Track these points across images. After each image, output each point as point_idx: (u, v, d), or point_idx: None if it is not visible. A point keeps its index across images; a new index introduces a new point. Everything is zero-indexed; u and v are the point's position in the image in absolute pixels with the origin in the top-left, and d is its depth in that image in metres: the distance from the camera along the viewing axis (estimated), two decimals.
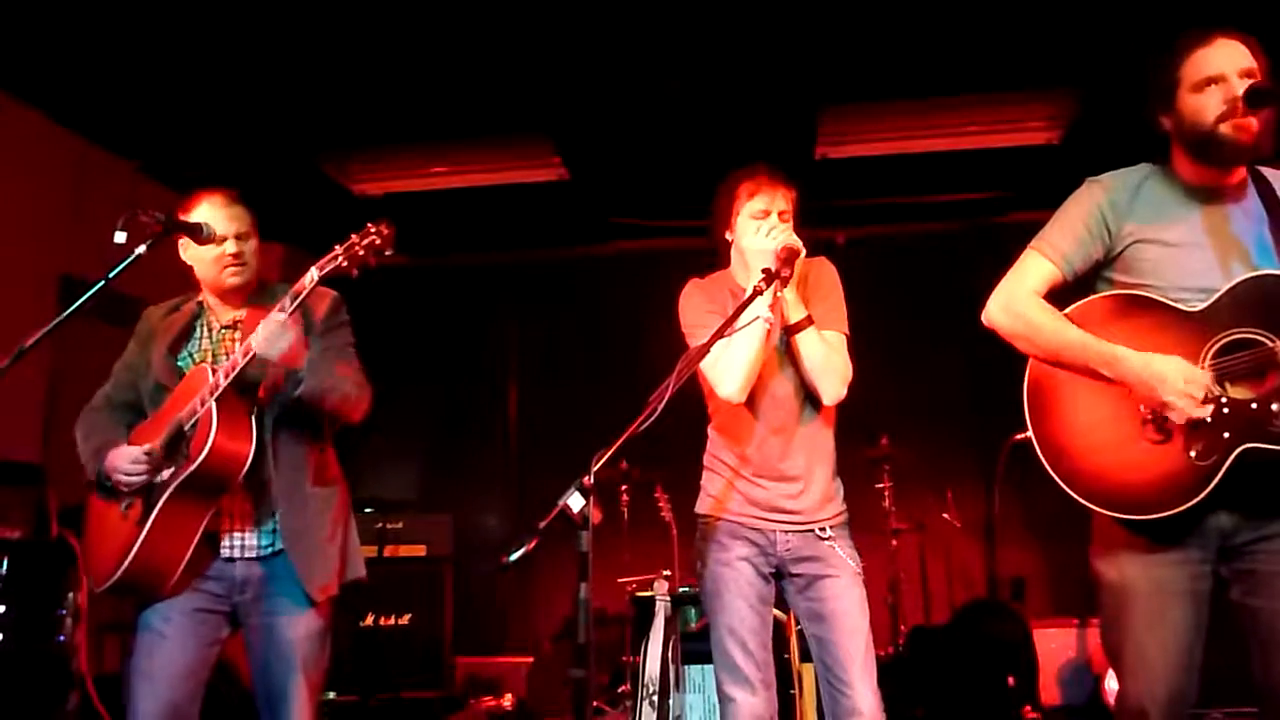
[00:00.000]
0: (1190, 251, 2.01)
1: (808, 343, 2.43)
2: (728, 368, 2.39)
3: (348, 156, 5.47)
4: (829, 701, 2.37)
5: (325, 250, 2.31)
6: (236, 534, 2.42)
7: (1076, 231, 2.13)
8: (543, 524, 1.86)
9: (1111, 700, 4.53)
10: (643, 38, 4.30)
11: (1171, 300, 2.00)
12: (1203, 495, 1.87)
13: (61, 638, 3.64)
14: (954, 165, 5.53)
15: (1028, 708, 4.60)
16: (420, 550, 5.55)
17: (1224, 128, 1.97)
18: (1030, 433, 2.09)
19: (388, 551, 5.49)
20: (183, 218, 2.46)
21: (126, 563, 2.30)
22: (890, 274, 5.89)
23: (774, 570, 2.47)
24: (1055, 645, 5.12)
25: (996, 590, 5.54)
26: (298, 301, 2.28)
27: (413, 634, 5.37)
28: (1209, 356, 1.93)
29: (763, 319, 2.34)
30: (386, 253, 2.27)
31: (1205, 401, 1.89)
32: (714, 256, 2.70)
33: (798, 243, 2.38)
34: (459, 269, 6.78)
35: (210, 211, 2.48)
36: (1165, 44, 2.11)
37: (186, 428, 2.35)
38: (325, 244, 2.50)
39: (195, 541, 2.34)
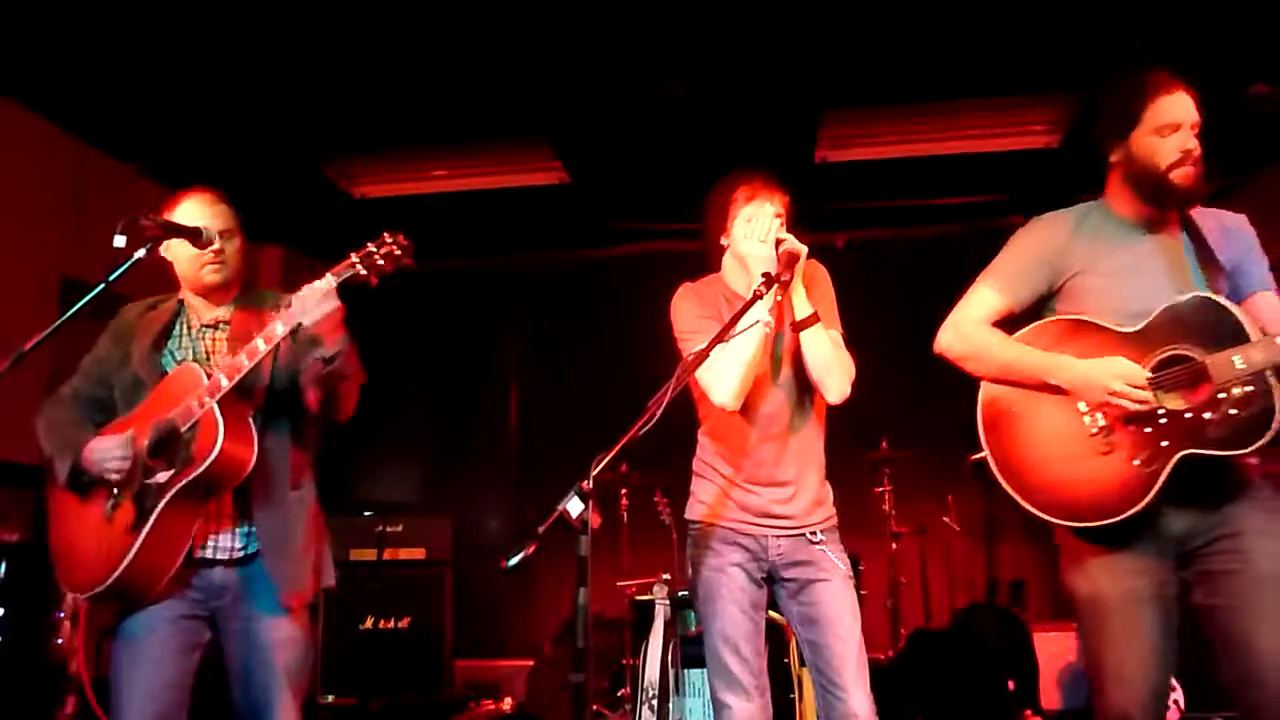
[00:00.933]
0: (1131, 279, 2.17)
1: (814, 340, 2.41)
2: (722, 375, 2.36)
3: (349, 159, 5.47)
4: (823, 705, 2.37)
5: (330, 254, 2.27)
6: (212, 535, 2.35)
7: (1021, 267, 2.31)
8: (542, 528, 1.86)
9: None
10: (643, 41, 4.31)
11: (1110, 324, 2.15)
12: (1148, 499, 2.02)
13: (59, 640, 3.64)
14: (954, 169, 5.54)
15: (1028, 711, 4.60)
16: (419, 553, 5.54)
17: (1175, 174, 2.13)
18: (986, 453, 2.24)
19: (387, 554, 5.48)
20: (167, 216, 2.41)
21: (120, 571, 2.23)
22: (890, 277, 5.89)
23: (766, 575, 2.47)
24: (1055, 649, 5.11)
25: (996, 593, 5.54)
26: (340, 278, 2.22)
27: (412, 637, 5.36)
28: (1146, 372, 2.09)
29: (762, 323, 2.32)
30: (405, 263, 2.23)
31: (1145, 404, 2.05)
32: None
33: (800, 246, 2.37)
34: (459, 272, 6.78)
35: (195, 209, 2.44)
36: (1127, 77, 2.23)
37: (184, 429, 2.26)
38: (326, 246, 2.50)
39: (187, 547, 2.29)
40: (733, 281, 2.57)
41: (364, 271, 2.21)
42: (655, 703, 3.84)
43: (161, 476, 2.27)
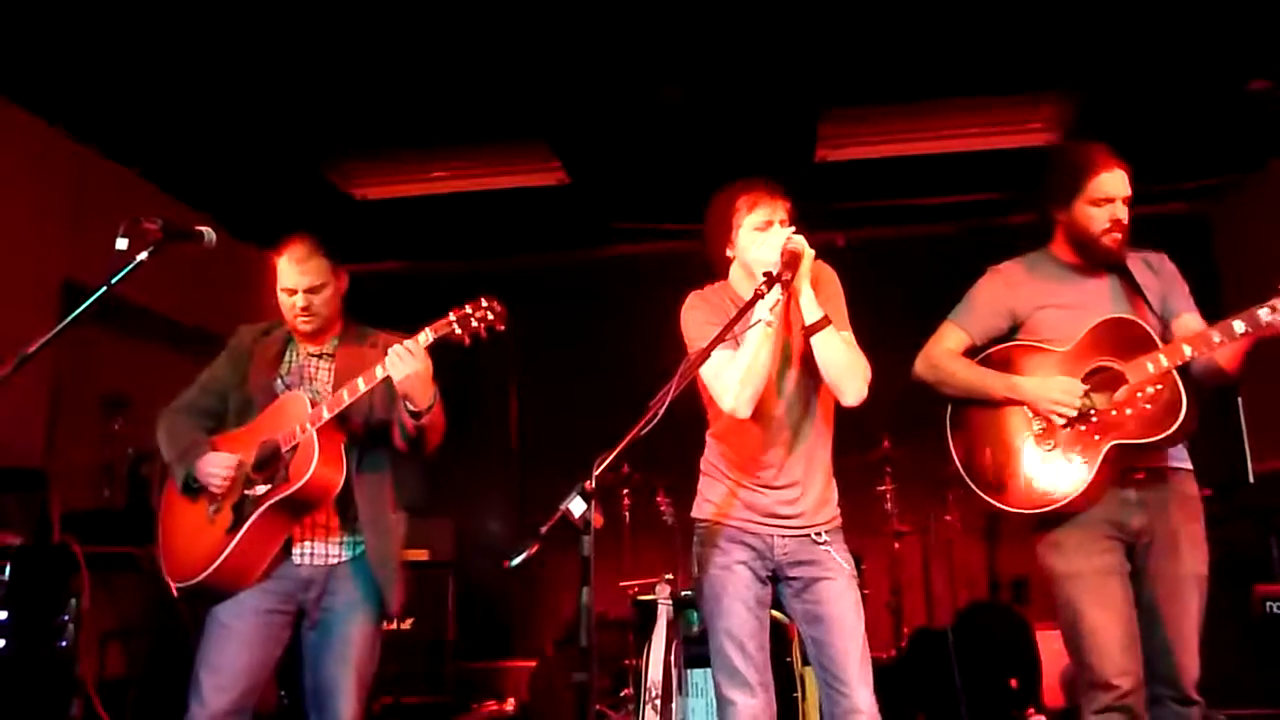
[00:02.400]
0: (1077, 312, 2.60)
1: (828, 343, 2.39)
2: (732, 383, 2.36)
3: (349, 161, 5.48)
4: (827, 703, 2.38)
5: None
6: (308, 543, 2.61)
7: (981, 311, 2.76)
8: (545, 529, 1.86)
9: None
10: (642, 42, 4.31)
11: (1050, 346, 2.61)
12: (1086, 485, 2.44)
13: (64, 643, 3.64)
14: (953, 167, 5.54)
15: (1030, 710, 4.60)
16: (423, 555, 5.55)
17: (1105, 239, 2.58)
18: (954, 459, 2.67)
19: None
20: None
21: (214, 568, 2.50)
22: (891, 276, 5.88)
23: (770, 574, 2.48)
24: (1058, 647, 5.06)
25: (998, 592, 5.54)
26: (438, 335, 2.46)
27: (415, 639, 5.36)
28: (1081, 383, 2.52)
29: (764, 322, 2.32)
30: (499, 329, 2.46)
31: (1081, 408, 2.49)
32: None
33: (802, 245, 2.36)
34: (459, 273, 6.78)
35: (285, 264, 2.70)
36: (1072, 151, 2.70)
37: (285, 450, 2.55)
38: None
39: (276, 551, 2.56)
40: (741, 289, 2.56)
41: (459, 332, 2.46)
42: (658, 702, 3.85)
43: (260, 489, 2.55)
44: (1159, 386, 2.41)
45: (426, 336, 2.47)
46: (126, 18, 3.92)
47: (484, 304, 2.47)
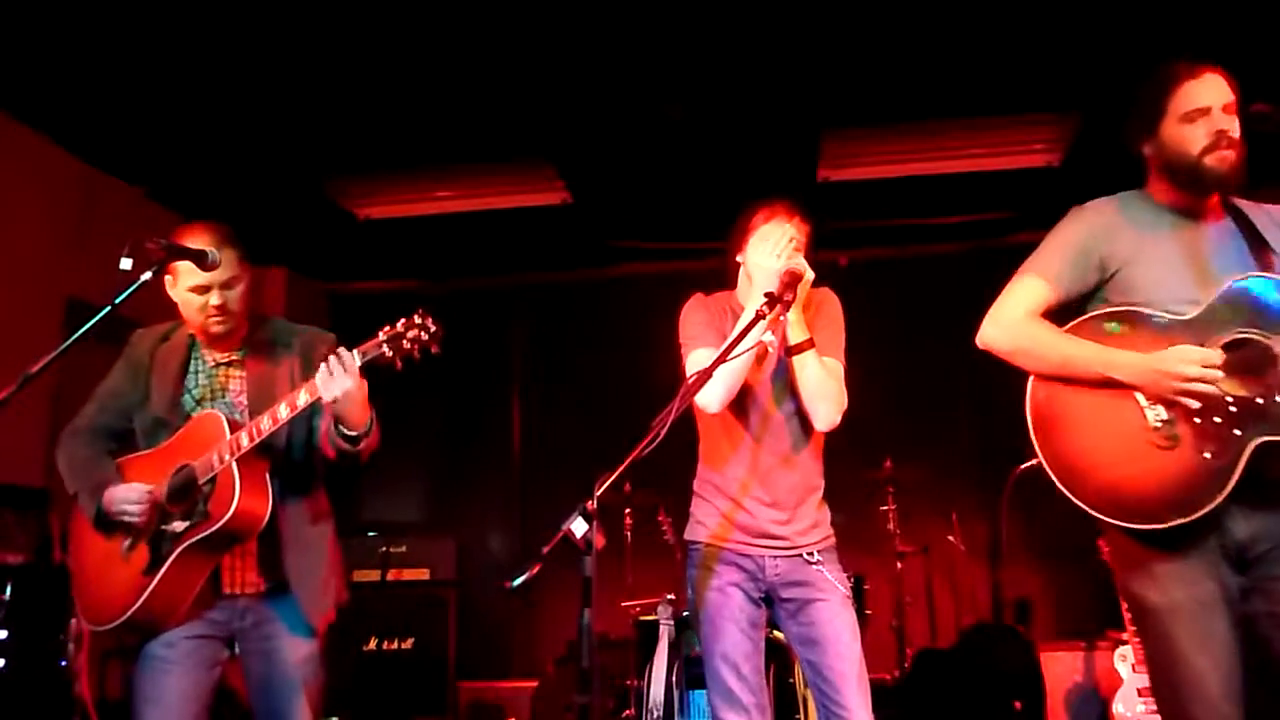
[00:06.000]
0: (1174, 270, 2.09)
1: (806, 365, 2.43)
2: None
3: (352, 181, 5.50)
4: None
5: (334, 275, 2.31)
6: (238, 572, 2.46)
7: (1069, 254, 2.19)
8: (546, 549, 1.86)
9: None
10: (645, 62, 4.33)
11: (1160, 313, 2.05)
12: (1226, 492, 1.89)
13: (64, 662, 3.63)
14: (956, 187, 5.55)
15: None
16: (423, 574, 5.54)
17: (1208, 159, 2.07)
18: (1040, 457, 2.08)
19: (390, 575, 5.47)
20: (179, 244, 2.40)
21: (133, 610, 2.33)
22: (893, 296, 5.89)
23: (764, 595, 2.47)
24: (1062, 669, 5.07)
25: (1002, 613, 5.51)
26: (366, 358, 2.23)
27: (416, 658, 5.34)
28: (1219, 353, 1.96)
29: (766, 343, 2.33)
30: (433, 350, 2.22)
31: (1218, 391, 1.92)
32: (719, 278, 2.71)
33: (804, 267, 2.38)
34: (462, 292, 6.80)
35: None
36: (1151, 72, 2.18)
37: (202, 482, 2.35)
38: (329, 267, 2.53)
39: (200, 587, 2.39)
40: (744, 297, 2.59)
41: (389, 354, 2.21)
42: None
43: (178, 526, 2.35)
44: None
45: (354, 360, 2.23)
46: (133, 38, 3.95)
47: (417, 321, 2.21)
